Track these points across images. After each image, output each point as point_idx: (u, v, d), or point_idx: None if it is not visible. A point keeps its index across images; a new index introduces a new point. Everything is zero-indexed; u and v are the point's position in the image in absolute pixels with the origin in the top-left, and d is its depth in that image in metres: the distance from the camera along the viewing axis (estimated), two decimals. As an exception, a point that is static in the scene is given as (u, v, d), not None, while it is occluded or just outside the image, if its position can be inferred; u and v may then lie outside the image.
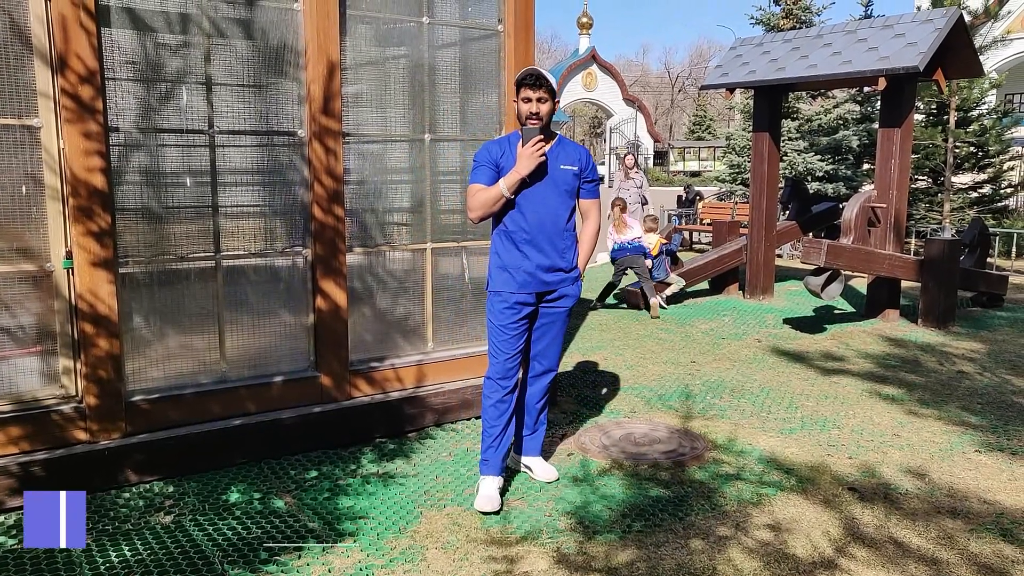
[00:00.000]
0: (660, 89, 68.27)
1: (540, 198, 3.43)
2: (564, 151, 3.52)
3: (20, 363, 3.48)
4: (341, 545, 3.12)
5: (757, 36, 8.82)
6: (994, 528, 3.31)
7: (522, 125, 3.40)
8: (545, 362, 3.65)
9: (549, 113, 3.40)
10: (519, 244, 3.45)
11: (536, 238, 3.44)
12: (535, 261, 3.45)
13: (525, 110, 3.37)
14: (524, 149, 3.36)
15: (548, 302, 3.55)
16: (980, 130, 12.62)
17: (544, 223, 3.43)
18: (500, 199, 3.40)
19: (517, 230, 3.44)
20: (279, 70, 3.94)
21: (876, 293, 7.71)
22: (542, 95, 3.34)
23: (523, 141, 3.38)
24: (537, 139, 3.35)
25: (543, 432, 3.82)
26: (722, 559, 3.03)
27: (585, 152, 3.62)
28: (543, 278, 3.47)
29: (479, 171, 3.46)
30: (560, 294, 3.54)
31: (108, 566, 2.93)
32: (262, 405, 3.96)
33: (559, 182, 3.47)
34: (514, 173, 3.37)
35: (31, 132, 3.36)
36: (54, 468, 3.41)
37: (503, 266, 3.49)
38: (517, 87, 3.39)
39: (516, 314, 3.48)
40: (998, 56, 19.68)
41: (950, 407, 4.92)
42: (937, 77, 7.37)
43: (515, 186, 3.39)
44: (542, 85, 3.33)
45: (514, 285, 3.46)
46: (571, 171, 3.50)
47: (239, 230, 3.95)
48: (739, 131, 15.74)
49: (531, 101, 3.35)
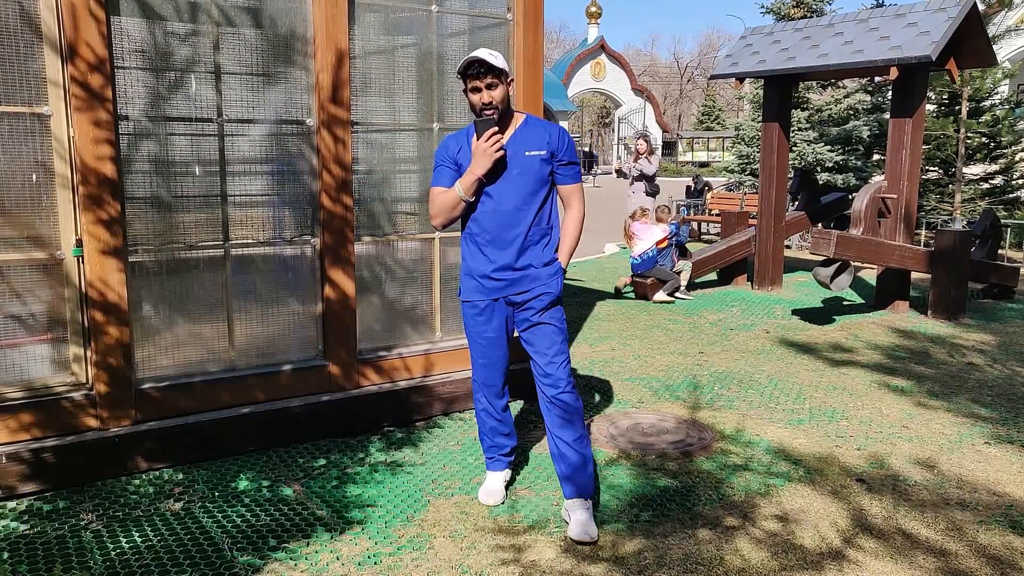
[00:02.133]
0: (669, 79, 67.94)
1: (502, 194, 3.06)
2: (530, 134, 3.11)
3: (31, 351, 3.50)
4: (349, 533, 3.13)
5: (767, 25, 8.76)
6: (1003, 520, 3.30)
7: (477, 116, 3.03)
8: (545, 379, 3.12)
9: (503, 98, 3.01)
10: (482, 246, 3.12)
11: (499, 238, 3.08)
12: (499, 263, 3.09)
13: (476, 101, 3.00)
14: (478, 145, 2.99)
15: (520, 305, 3.15)
16: (992, 120, 12.51)
17: (508, 222, 3.07)
18: (458, 203, 3.07)
19: (479, 231, 3.12)
20: (288, 58, 3.93)
21: (886, 284, 7.67)
22: (491, 81, 2.97)
23: (476, 135, 3.00)
24: (491, 132, 2.98)
25: (570, 469, 3.13)
26: (729, 549, 3.03)
27: (557, 130, 3.16)
28: (509, 280, 3.11)
29: (438, 172, 3.15)
30: (534, 294, 3.12)
31: (119, 552, 2.96)
32: (271, 393, 3.97)
33: (525, 172, 3.07)
34: (469, 173, 3.03)
35: (41, 120, 3.37)
36: (64, 455, 3.44)
37: (468, 272, 3.19)
38: (463, 79, 3.02)
39: (487, 322, 3.18)
40: (1012, 45, 19.48)
41: (959, 399, 4.90)
42: (950, 67, 7.30)
43: (472, 187, 3.04)
44: (488, 71, 2.95)
45: (481, 292, 3.15)
46: (538, 156, 3.08)
47: (248, 219, 3.95)
48: (748, 121, 15.67)
49: (480, 91, 2.98)
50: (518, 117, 3.16)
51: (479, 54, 2.97)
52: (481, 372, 3.32)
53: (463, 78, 3.02)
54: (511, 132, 3.11)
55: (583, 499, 3.15)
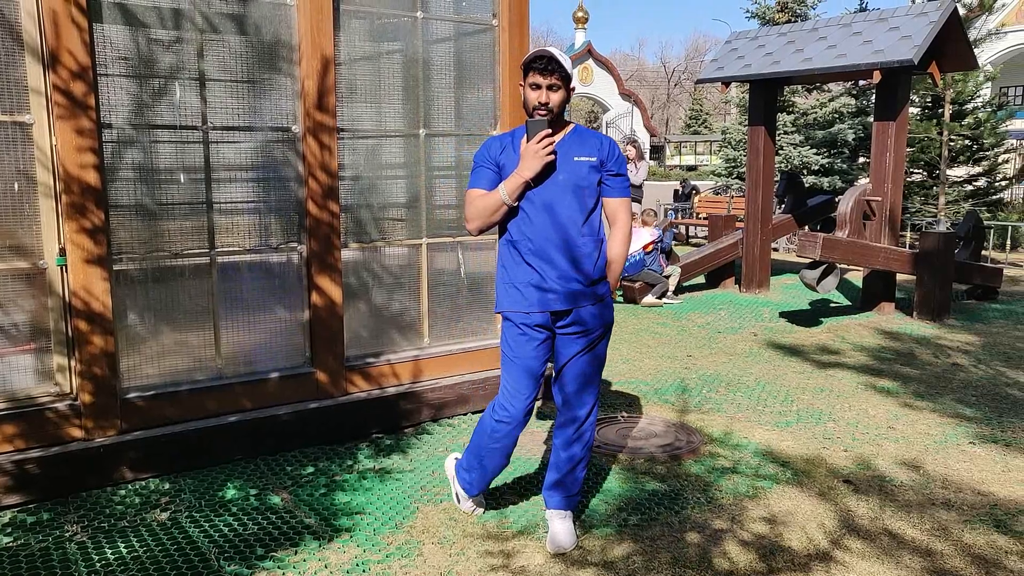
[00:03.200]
0: (656, 83, 68.22)
1: (549, 200, 2.89)
2: (580, 141, 2.96)
3: (14, 361, 3.47)
4: (337, 541, 3.12)
5: (752, 30, 8.82)
6: (988, 519, 3.32)
7: (528, 116, 2.89)
8: (573, 408, 3.01)
9: (561, 103, 2.86)
10: (525, 255, 2.91)
11: (544, 248, 2.89)
12: (544, 273, 2.89)
13: (532, 99, 2.84)
14: (528, 146, 2.84)
15: (563, 328, 2.94)
16: (975, 123, 12.63)
17: (554, 230, 2.88)
18: (500, 207, 2.89)
19: (522, 239, 2.92)
20: (273, 65, 3.92)
21: (871, 286, 7.73)
22: (553, 82, 2.81)
23: (527, 136, 2.86)
24: (544, 134, 2.83)
25: (569, 491, 3.11)
26: (718, 552, 3.04)
27: (608, 141, 3.00)
28: (557, 292, 2.90)
29: (478, 173, 2.97)
30: (577, 317, 2.91)
31: (104, 563, 2.93)
32: (258, 401, 3.95)
33: (573, 178, 2.90)
34: (516, 176, 2.85)
35: (23, 128, 3.35)
36: (48, 466, 3.41)
37: (509, 281, 2.96)
38: (524, 70, 2.84)
39: (530, 341, 2.93)
40: (993, 49, 19.69)
41: (945, 399, 4.94)
42: (932, 70, 7.38)
43: (517, 191, 2.87)
44: (555, 70, 2.79)
45: (524, 304, 2.91)
46: (587, 163, 2.91)
47: (233, 226, 3.93)
48: (735, 125, 15.75)
49: (540, 88, 2.82)
50: (568, 126, 3.00)
51: (550, 50, 2.84)
52: (501, 400, 3.03)
53: (525, 71, 2.85)
54: (560, 137, 2.95)
55: (567, 511, 3.12)
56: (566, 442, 3.08)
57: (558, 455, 3.10)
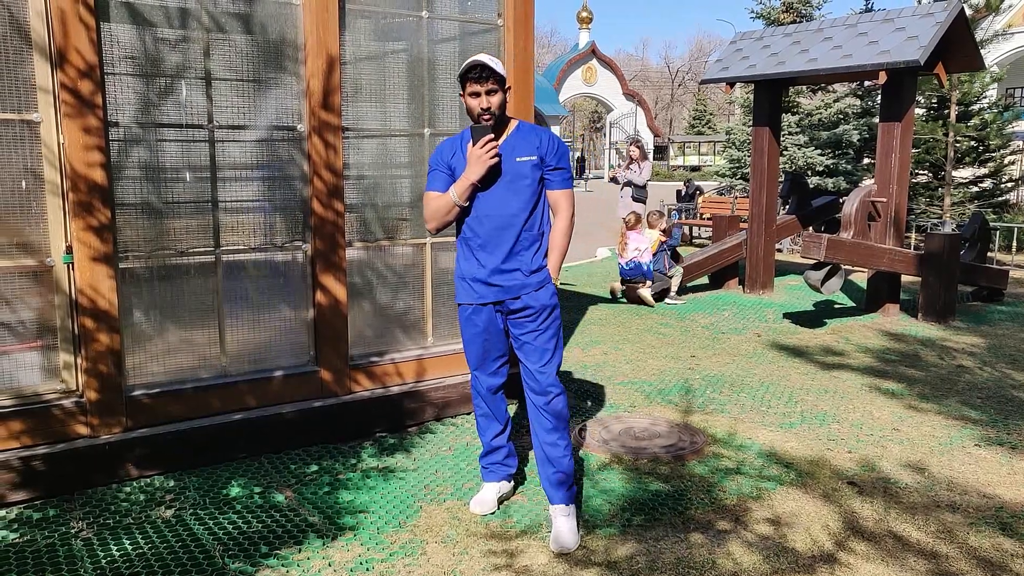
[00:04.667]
0: (660, 84, 68.15)
1: (494, 199, 3.11)
2: (521, 140, 3.15)
3: (21, 358, 3.49)
4: (341, 539, 3.13)
5: (757, 30, 8.81)
6: (993, 522, 3.32)
7: (474, 122, 3.07)
8: (532, 383, 3.17)
9: (500, 104, 3.06)
10: (474, 250, 3.17)
11: (489, 242, 3.12)
12: (488, 267, 3.13)
13: (475, 106, 3.03)
14: (473, 151, 3.03)
15: (513, 313, 3.18)
16: (981, 124, 12.60)
17: (499, 226, 3.11)
18: (452, 208, 3.11)
19: (472, 235, 3.16)
20: (278, 64, 3.93)
21: (876, 287, 7.71)
22: (491, 87, 3.01)
23: (473, 141, 3.04)
24: (487, 139, 3.02)
25: (559, 477, 3.16)
26: (722, 553, 3.04)
27: (547, 135, 3.19)
28: (498, 284, 3.13)
29: (432, 176, 3.18)
30: (523, 304, 3.14)
31: (109, 560, 2.94)
32: (262, 400, 3.96)
33: (516, 178, 3.11)
34: (463, 179, 3.06)
35: (31, 127, 3.36)
36: (55, 463, 3.42)
37: (461, 275, 3.23)
38: (462, 82, 3.05)
39: (475, 327, 3.23)
40: (999, 50, 19.63)
41: (950, 402, 4.93)
42: (938, 71, 7.36)
43: (466, 193, 3.08)
44: (489, 76, 2.99)
45: (472, 295, 3.19)
46: (528, 162, 3.11)
47: (239, 225, 3.94)
48: (739, 126, 15.73)
49: (479, 96, 3.02)
50: (511, 123, 3.19)
51: (481, 58, 3.01)
52: (473, 380, 3.37)
53: (463, 82, 3.05)
54: (503, 139, 3.14)
55: (567, 505, 3.16)
56: (539, 418, 3.19)
57: (539, 439, 3.20)
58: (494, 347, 3.28)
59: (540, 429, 3.19)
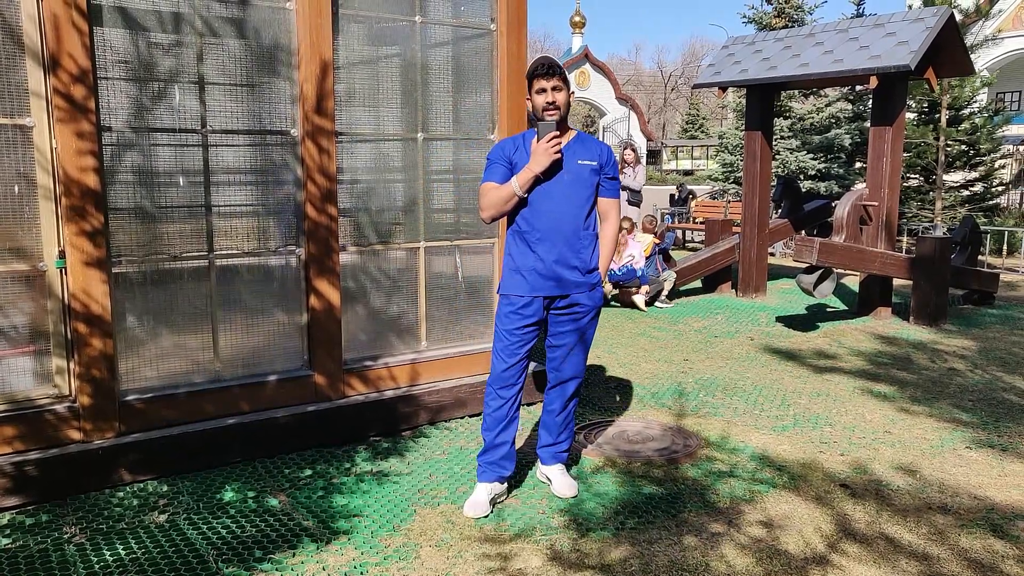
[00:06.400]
0: (653, 88, 68.32)
1: (555, 195, 3.27)
2: (582, 146, 3.36)
3: (13, 363, 3.48)
4: (335, 543, 3.12)
5: (749, 35, 8.85)
6: (984, 524, 3.34)
7: (538, 120, 3.24)
8: (561, 374, 3.46)
9: (566, 103, 3.25)
10: (532, 244, 3.29)
11: (549, 237, 3.26)
12: (548, 260, 3.27)
13: (540, 102, 3.21)
14: (538, 145, 3.20)
15: (559, 310, 3.36)
16: (971, 128, 12.69)
17: (559, 222, 3.26)
18: (512, 198, 3.25)
19: (530, 229, 3.28)
20: (272, 69, 3.94)
21: (868, 291, 7.75)
22: (557, 83, 3.20)
23: (538, 136, 3.22)
24: (553, 134, 3.20)
25: (567, 445, 3.60)
26: (715, 556, 3.05)
27: (606, 148, 3.42)
28: (557, 278, 3.29)
29: (491, 168, 3.33)
30: (573, 300, 3.34)
31: (102, 565, 2.93)
32: (256, 404, 3.96)
33: (576, 178, 3.29)
34: (527, 170, 3.21)
35: (23, 131, 3.36)
36: (47, 468, 3.41)
37: (515, 268, 3.33)
38: (529, 79, 3.25)
39: (522, 320, 3.31)
40: (989, 55, 19.76)
41: (941, 404, 4.96)
42: (928, 76, 7.41)
43: (528, 184, 3.23)
44: (556, 72, 3.17)
45: (525, 288, 3.30)
46: (589, 166, 3.31)
47: (232, 229, 3.94)
48: (732, 130, 15.80)
49: (546, 91, 3.20)
50: (571, 132, 3.40)
51: (547, 56, 3.26)
52: (498, 375, 3.39)
53: (530, 80, 3.25)
54: (566, 141, 3.33)
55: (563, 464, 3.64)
56: (557, 399, 3.53)
57: (552, 418, 3.56)
58: (530, 340, 3.38)
59: (550, 415, 3.55)
